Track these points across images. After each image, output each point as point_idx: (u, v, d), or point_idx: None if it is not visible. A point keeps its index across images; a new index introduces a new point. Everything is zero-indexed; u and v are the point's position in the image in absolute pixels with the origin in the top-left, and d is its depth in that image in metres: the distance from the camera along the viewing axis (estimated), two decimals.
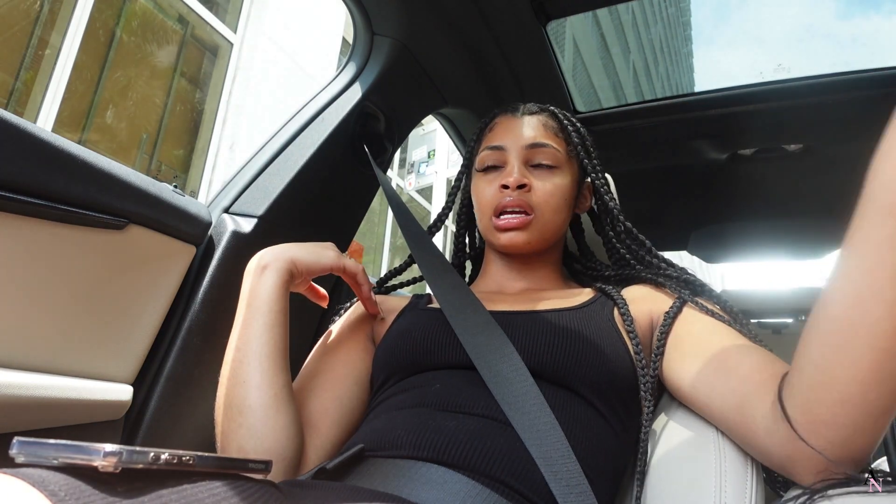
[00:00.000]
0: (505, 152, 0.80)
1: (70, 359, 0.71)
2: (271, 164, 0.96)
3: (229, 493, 0.37)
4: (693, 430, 0.61)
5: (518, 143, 0.80)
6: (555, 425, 0.56)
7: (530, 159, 0.80)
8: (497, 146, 0.81)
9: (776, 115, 1.32)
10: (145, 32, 3.63)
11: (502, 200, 0.77)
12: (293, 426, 0.64)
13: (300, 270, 0.70)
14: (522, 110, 0.85)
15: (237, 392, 0.63)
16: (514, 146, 0.80)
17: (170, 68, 3.84)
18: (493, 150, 0.81)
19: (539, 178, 0.79)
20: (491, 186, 0.80)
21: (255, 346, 0.65)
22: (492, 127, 0.85)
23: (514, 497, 0.53)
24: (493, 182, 0.80)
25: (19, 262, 0.64)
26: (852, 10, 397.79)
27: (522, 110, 0.85)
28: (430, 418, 0.59)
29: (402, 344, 0.71)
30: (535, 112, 0.85)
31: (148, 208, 0.75)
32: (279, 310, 0.67)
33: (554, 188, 0.79)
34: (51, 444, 0.33)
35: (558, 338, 0.65)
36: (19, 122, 0.61)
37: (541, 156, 0.80)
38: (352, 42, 1.06)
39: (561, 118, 0.85)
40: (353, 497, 0.49)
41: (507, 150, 0.80)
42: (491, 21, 1.07)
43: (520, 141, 0.80)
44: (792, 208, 1.78)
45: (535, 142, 0.80)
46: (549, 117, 0.85)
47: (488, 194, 0.80)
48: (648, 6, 20.90)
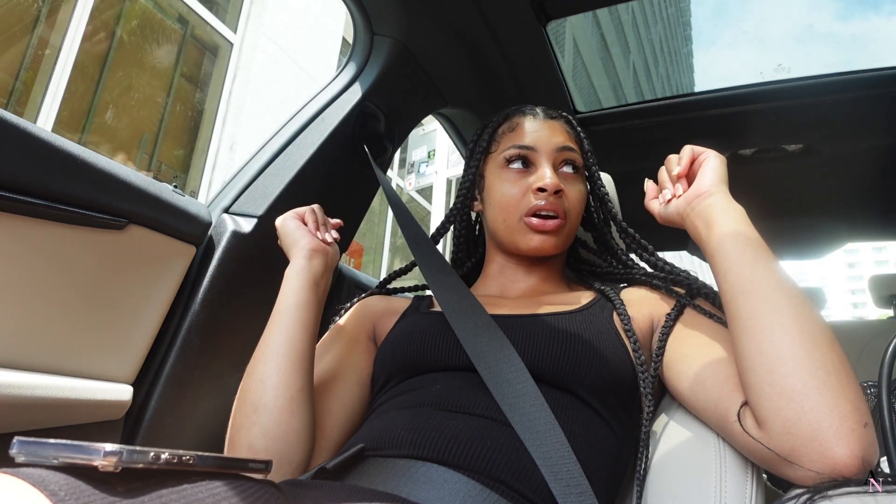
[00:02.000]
0: (536, 153, 0.80)
1: (70, 359, 0.71)
2: (271, 164, 0.96)
3: (229, 493, 0.37)
4: (693, 430, 0.61)
5: (549, 145, 0.80)
6: (555, 426, 0.56)
7: (558, 162, 0.80)
8: (528, 146, 0.80)
9: (776, 115, 1.32)
10: (145, 32, 3.63)
11: (536, 203, 0.77)
12: (306, 430, 0.63)
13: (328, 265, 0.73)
14: (544, 114, 0.85)
15: (254, 389, 0.63)
16: (545, 148, 0.80)
17: (170, 68, 3.84)
18: (522, 148, 0.80)
19: (568, 183, 0.80)
20: (517, 186, 0.79)
21: (273, 344, 0.65)
22: (513, 126, 0.84)
23: (514, 497, 0.53)
24: (520, 182, 0.79)
25: (19, 262, 0.64)
26: (852, 10, 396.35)
27: (544, 114, 0.85)
28: (430, 418, 0.59)
29: (403, 346, 0.72)
30: (555, 117, 0.85)
31: (148, 208, 0.75)
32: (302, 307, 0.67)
33: (580, 194, 0.81)
34: (51, 444, 0.33)
35: (559, 341, 0.65)
36: (19, 122, 0.61)
37: (569, 158, 0.81)
38: (352, 42, 1.06)
39: (574, 125, 0.87)
40: (353, 497, 0.49)
41: (538, 150, 0.80)
42: (491, 21, 1.07)
43: (550, 143, 0.80)
44: (792, 208, 1.79)
45: (565, 145, 0.81)
46: (566, 123, 0.86)
47: (516, 194, 0.79)
48: (648, 6, 20.92)
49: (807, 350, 0.50)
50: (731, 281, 0.57)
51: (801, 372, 0.49)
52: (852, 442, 0.46)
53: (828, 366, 0.49)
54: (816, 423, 0.47)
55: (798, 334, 0.51)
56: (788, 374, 0.49)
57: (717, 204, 0.62)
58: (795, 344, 0.50)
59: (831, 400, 0.47)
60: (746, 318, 0.54)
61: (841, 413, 0.47)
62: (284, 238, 0.74)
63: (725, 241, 0.59)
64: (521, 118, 0.85)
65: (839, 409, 0.47)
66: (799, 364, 0.49)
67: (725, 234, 0.60)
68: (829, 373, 0.49)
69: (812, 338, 0.51)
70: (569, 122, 0.86)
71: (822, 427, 0.47)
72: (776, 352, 0.51)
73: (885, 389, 0.61)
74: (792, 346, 0.50)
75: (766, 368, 0.51)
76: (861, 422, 0.47)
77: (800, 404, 0.48)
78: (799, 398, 0.48)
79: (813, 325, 0.52)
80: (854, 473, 0.46)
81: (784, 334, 0.51)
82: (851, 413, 0.47)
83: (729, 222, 0.60)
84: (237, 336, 0.90)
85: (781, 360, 0.50)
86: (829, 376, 0.48)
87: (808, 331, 0.51)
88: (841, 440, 0.46)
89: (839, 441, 0.46)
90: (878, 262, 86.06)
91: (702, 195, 0.64)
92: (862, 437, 0.46)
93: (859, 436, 0.46)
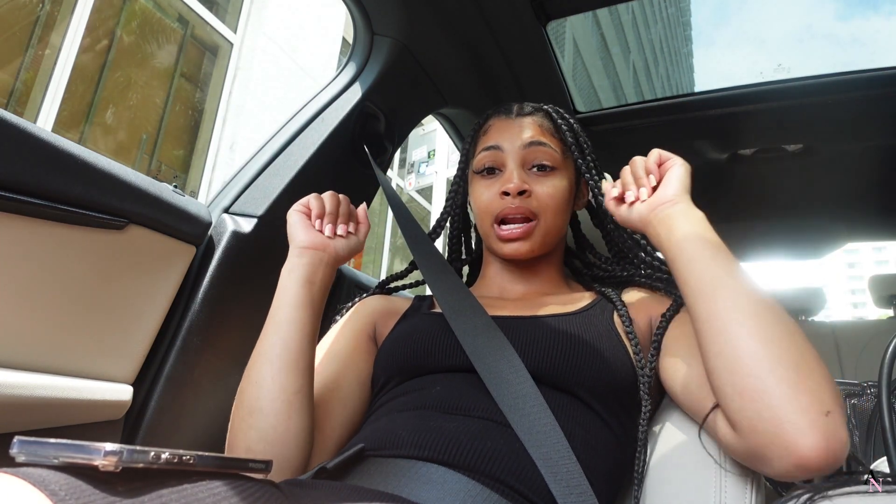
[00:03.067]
0: (502, 153, 0.80)
1: (70, 359, 0.71)
2: (271, 164, 0.96)
3: (229, 493, 0.37)
4: (693, 431, 0.61)
5: (515, 143, 0.79)
6: (555, 426, 0.56)
7: (528, 160, 0.79)
8: (493, 146, 0.80)
9: (776, 115, 1.32)
10: (145, 32, 3.63)
11: (503, 208, 0.76)
12: (304, 433, 0.63)
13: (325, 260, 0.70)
14: (517, 111, 0.84)
15: (250, 392, 0.63)
16: (510, 147, 0.79)
17: (170, 68, 3.84)
18: (489, 150, 0.80)
19: (538, 181, 0.78)
20: (489, 191, 0.79)
21: (268, 346, 0.64)
22: (486, 129, 0.84)
23: (514, 497, 0.53)
24: (492, 187, 0.79)
25: (19, 262, 0.64)
26: (852, 10, 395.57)
27: (517, 111, 0.84)
28: (430, 419, 0.59)
29: (404, 347, 0.71)
30: (529, 112, 0.84)
31: (148, 208, 0.75)
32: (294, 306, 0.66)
33: (553, 191, 0.78)
34: (51, 444, 0.33)
35: (559, 343, 0.65)
36: (19, 122, 0.61)
37: (538, 155, 0.79)
38: (352, 42, 1.06)
39: (555, 117, 0.84)
40: (353, 497, 0.49)
41: (503, 150, 0.80)
42: (491, 21, 1.07)
43: (516, 141, 0.80)
44: (791, 208, 1.78)
45: (532, 140, 0.79)
46: (543, 117, 0.84)
47: (487, 199, 0.79)
48: (648, 6, 20.90)
49: (763, 347, 0.50)
50: (690, 284, 0.58)
51: (758, 370, 0.49)
52: (814, 434, 0.46)
53: (785, 360, 0.49)
54: (777, 420, 0.47)
55: (754, 333, 0.51)
56: (747, 374, 0.50)
57: (679, 211, 0.63)
58: (752, 343, 0.51)
59: (790, 394, 0.47)
60: (704, 321, 0.55)
61: (800, 406, 0.47)
62: (288, 233, 0.72)
63: (684, 245, 0.60)
64: (493, 119, 0.85)
65: (798, 403, 0.47)
66: (756, 363, 0.50)
67: (684, 238, 0.60)
68: (787, 367, 0.49)
69: (769, 334, 0.51)
70: (547, 116, 0.84)
71: (784, 423, 0.47)
72: (734, 353, 0.51)
73: (885, 389, 0.61)
74: (748, 345, 0.51)
75: (727, 370, 0.51)
76: (822, 412, 0.46)
77: (760, 403, 0.48)
78: (758, 397, 0.48)
79: (770, 321, 0.52)
80: (822, 465, 0.46)
81: (740, 334, 0.52)
82: (811, 405, 0.47)
83: (688, 227, 0.61)
84: (237, 336, 0.90)
85: (739, 360, 0.51)
86: (787, 370, 0.48)
87: (765, 328, 0.51)
88: (804, 434, 0.46)
89: (802, 435, 0.46)
90: (878, 262, 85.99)
91: (665, 203, 0.64)
92: (824, 427, 0.46)
93: (821, 427, 0.46)
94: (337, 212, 0.73)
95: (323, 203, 0.72)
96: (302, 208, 0.72)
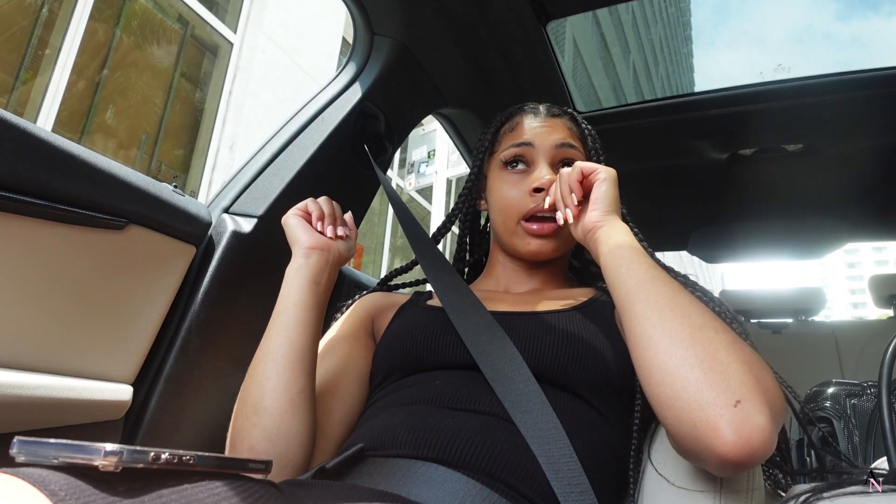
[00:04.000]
0: (533, 149, 0.80)
1: (70, 359, 0.71)
2: (271, 164, 0.96)
3: (229, 493, 0.37)
4: None
5: (546, 141, 0.80)
6: (557, 424, 0.56)
7: (556, 160, 0.80)
8: (525, 142, 0.80)
9: (776, 115, 1.32)
10: (145, 32, 3.63)
11: (536, 204, 0.76)
12: (307, 432, 0.63)
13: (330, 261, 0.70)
14: (546, 111, 0.85)
15: (254, 391, 0.63)
16: (542, 145, 0.80)
17: (170, 68, 3.84)
18: (520, 146, 0.80)
19: None
20: (517, 189, 0.79)
21: (273, 346, 0.64)
22: (514, 126, 0.84)
23: (514, 496, 0.53)
24: (520, 184, 0.79)
25: (19, 262, 0.64)
26: (852, 10, 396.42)
27: (546, 111, 0.85)
28: (429, 416, 0.59)
29: (404, 342, 0.71)
30: (557, 114, 0.84)
31: (148, 208, 0.75)
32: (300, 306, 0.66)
33: None
34: (51, 444, 0.33)
35: (559, 339, 0.65)
36: (19, 122, 0.61)
37: (568, 156, 0.80)
38: (352, 42, 1.06)
39: (580, 122, 0.86)
40: (353, 497, 0.49)
41: (535, 147, 0.80)
42: (491, 21, 1.07)
43: (548, 140, 0.80)
44: (792, 208, 1.78)
45: (564, 141, 0.80)
46: (570, 121, 0.85)
47: (515, 196, 0.78)
48: (648, 6, 20.90)
49: (670, 354, 0.50)
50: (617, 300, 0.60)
51: (668, 377, 0.49)
52: (725, 430, 0.45)
53: (690, 360, 0.49)
54: (692, 424, 0.47)
55: (662, 342, 0.51)
56: (660, 383, 0.50)
57: (603, 234, 0.65)
58: (661, 352, 0.51)
59: (696, 395, 0.47)
60: (629, 335, 0.56)
61: (705, 404, 0.46)
62: (287, 236, 0.72)
63: (609, 259, 0.62)
64: (521, 116, 0.85)
65: (703, 401, 0.46)
66: (666, 370, 0.50)
67: (609, 252, 0.63)
68: (692, 366, 0.48)
69: (674, 338, 0.51)
70: (573, 119, 0.85)
71: (698, 426, 0.46)
72: (649, 364, 0.52)
73: (884, 389, 0.61)
74: (657, 354, 0.51)
75: (648, 381, 0.52)
76: (728, 404, 0.45)
77: (675, 409, 0.48)
78: (672, 403, 0.48)
79: (676, 324, 0.52)
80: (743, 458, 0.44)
81: (650, 345, 0.52)
82: (716, 399, 0.46)
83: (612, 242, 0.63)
84: (237, 336, 0.90)
85: (651, 370, 0.51)
86: (691, 370, 0.48)
87: (670, 333, 0.51)
88: (716, 432, 0.45)
89: (715, 433, 0.45)
90: (878, 262, 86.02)
91: (592, 229, 0.67)
92: (731, 419, 0.45)
93: (728, 420, 0.45)
94: (334, 214, 0.74)
95: (321, 206, 0.73)
96: (299, 212, 0.73)
